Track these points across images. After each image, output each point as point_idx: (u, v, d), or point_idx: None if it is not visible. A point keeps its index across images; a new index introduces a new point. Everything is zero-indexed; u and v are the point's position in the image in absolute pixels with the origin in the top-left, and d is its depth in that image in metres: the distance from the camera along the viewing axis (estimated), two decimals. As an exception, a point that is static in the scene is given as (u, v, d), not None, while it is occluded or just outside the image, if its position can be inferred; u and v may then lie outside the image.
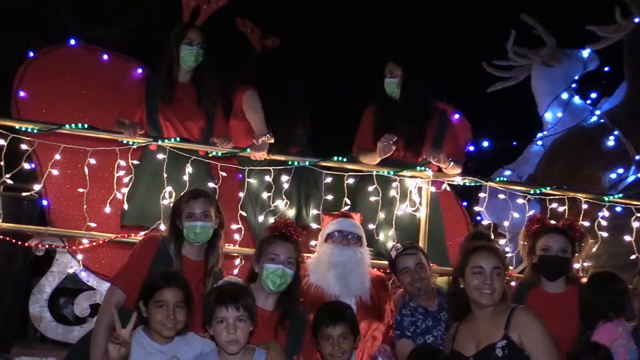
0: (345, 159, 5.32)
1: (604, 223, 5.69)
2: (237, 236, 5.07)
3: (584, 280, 4.99)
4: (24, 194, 5.03)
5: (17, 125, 4.85)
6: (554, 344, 3.56)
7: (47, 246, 5.06)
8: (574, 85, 7.72)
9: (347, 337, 3.73)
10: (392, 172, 5.29)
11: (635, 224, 5.74)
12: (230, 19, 5.93)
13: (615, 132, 6.95)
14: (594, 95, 7.74)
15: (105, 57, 5.82)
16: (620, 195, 5.97)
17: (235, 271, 4.86)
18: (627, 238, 5.76)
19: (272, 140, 5.11)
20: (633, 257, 5.65)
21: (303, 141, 5.63)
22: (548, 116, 7.63)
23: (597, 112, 7.31)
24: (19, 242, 4.91)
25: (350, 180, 5.29)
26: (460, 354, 3.64)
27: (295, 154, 5.33)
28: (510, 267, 5.48)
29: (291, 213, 5.22)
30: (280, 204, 5.15)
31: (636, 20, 7.17)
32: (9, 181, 4.83)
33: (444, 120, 5.67)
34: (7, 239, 4.82)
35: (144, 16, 10.73)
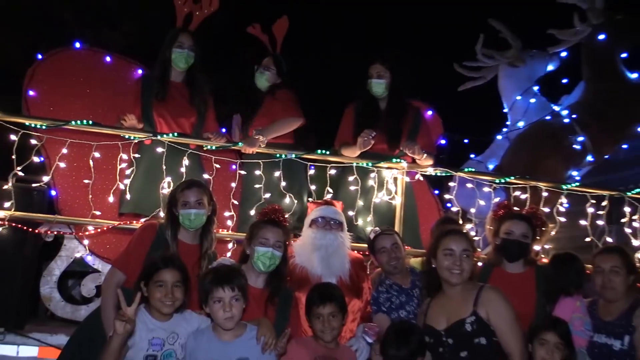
0: (327, 152, 5.35)
1: (562, 209, 5.76)
2: (229, 222, 5.11)
3: (544, 261, 5.08)
4: (33, 185, 5.01)
5: (27, 122, 4.86)
6: (517, 320, 3.62)
7: (55, 233, 5.09)
8: (536, 85, 7.76)
9: (336, 315, 3.76)
10: (370, 164, 5.34)
11: (589, 210, 5.82)
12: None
13: (574, 126, 7.00)
14: (555, 92, 7.79)
15: (108, 58, 5.82)
16: (577, 184, 6.05)
17: (228, 254, 4.87)
18: (583, 222, 5.85)
19: (264, 144, 5.18)
20: (588, 239, 5.74)
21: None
22: (513, 112, 7.67)
23: (561, 110, 7.35)
24: (30, 229, 4.91)
25: (333, 172, 5.34)
26: (432, 328, 3.70)
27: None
28: (478, 250, 5.56)
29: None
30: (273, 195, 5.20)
31: (592, 24, 7.22)
32: (20, 173, 4.81)
33: (418, 117, 5.70)
34: (19, 226, 4.80)
35: (144, 20, 10.68)
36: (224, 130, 5.50)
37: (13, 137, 4.77)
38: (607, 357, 3.91)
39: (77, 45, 5.81)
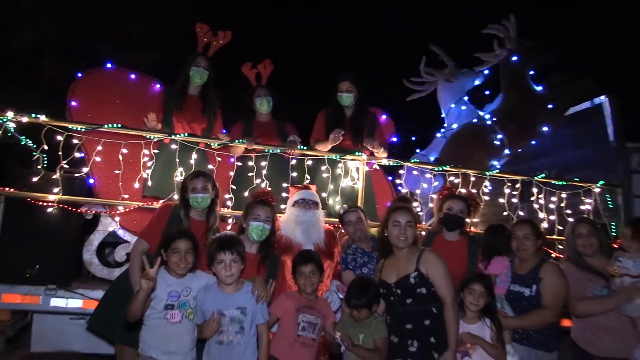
0: (305, 148, 5.39)
1: (486, 191, 5.82)
2: (229, 203, 5.11)
3: (473, 231, 5.14)
4: (76, 175, 4.99)
5: (70, 126, 4.82)
6: (450, 275, 3.70)
7: (93, 212, 5.11)
8: (466, 96, 7.80)
9: (315, 273, 3.84)
10: (338, 157, 5.37)
11: (506, 191, 5.89)
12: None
13: (495, 127, 7.06)
14: (481, 101, 7.83)
15: (133, 76, 5.80)
16: (497, 171, 6.12)
17: (229, 227, 4.87)
18: (501, 200, 5.92)
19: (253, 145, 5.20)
20: (505, 213, 5.81)
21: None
22: (449, 117, 7.71)
23: (485, 115, 7.39)
24: (74, 209, 4.91)
25: (309, 162, 5.35)
26: (385, 282, 3.77)
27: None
28: (423, 223, 5.60)
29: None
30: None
31: (507, 49, 7.28)
32: (66, 166, 4.79)
33: (374, 121, 5.77)
34: (66, 207, 4.81)
35: (161, 46, 10.64)
36: (224, 131, 5.45)
37: (59, 137, 4.75)
38: (519, 301, 3.97)
39: (109, 65, 5.76)
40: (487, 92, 8.00)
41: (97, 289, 4.67)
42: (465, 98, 7.77)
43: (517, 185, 5.86)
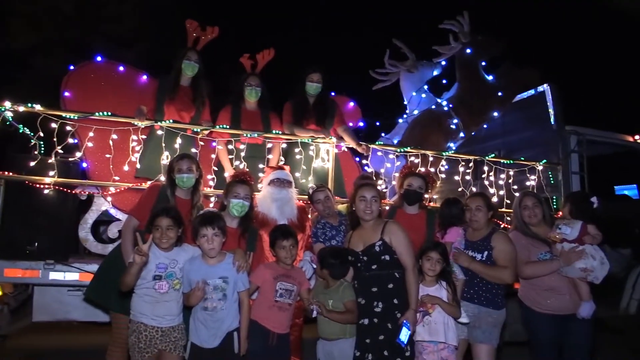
0: (280, 132, 5.32)
1: (443, 169, 5.87)
2: (211, 183, 5.06)
3: (431, 206, 5.18)
4: (70, 159, 4.91)
5: (63, 114, 4.72)
6: (411, 244, 3.74)
7: (87, 193, 5.01)
8: (426, 85, 7.80)
9: (295, 246, 3.85)
10: (310, 140, 5.34)
11: (461, 169, 5.95)
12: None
13: (451, 112, 7.07)
14: (438, 90, 7.83)
15: (121, 68, 5.69)
16: (453, 151, 6.17)
17: (211, 205, 4.85)
18: (457, 178, 5.98)
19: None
20: (460, 189, 5.87)
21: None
22: (410, 104, 7.71)
23: (442, 102, 7.39)
24: (69, 191, 4.83)
25: (284, 145, 5.32)
26: (353, 250, 3.79)
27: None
28: (387, 199, 5.62)
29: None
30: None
31: (462, 42, 7.27)
32: (61, 151, 4.72)
33: (334, 106, 5.70)
34: (62, 189, 4.74)
35: (148, 41, 10.44)
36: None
37: (54, 125, 4.66)
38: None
39: (99, 58, 5.64)
40: (444, 82, 7.99)
41: (92, 262, 4.63)
42: (425, 87, 7.76)
43: (471, 165, 5.92)
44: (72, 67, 5.54)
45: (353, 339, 3.68)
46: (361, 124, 6.72)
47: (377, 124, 7.38)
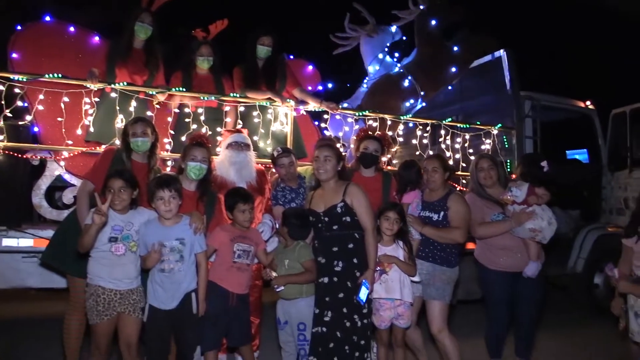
0: (238, 95, 5.22)
1: (401, 133, 5.93)
2: (167, 146, 4.98)
3: (388, 168, 5.24)
4: (20, 122, 4.73)
5: (11, 76, 4.53)
6: (370, 205, 3.79)
7: (39, 157, 4.85)
8: (386, 49, 7.78)
9: (252, 210, 3.87)
10: (268, 103, 5.28)
11: (418, 133, 6.02)
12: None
13: (409, 78, 7.10)
14: (397, 55, 7.82)
15: (72, 29, 5.46)
16: (410, 115, 6.23)
17: (168, 169, 4.78)
18: (414, 141, 6.06)
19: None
20: (418, 153, 5.95)
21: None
22: (370, 69, 7.68)
23: (399, 65, 7.41)
24: (20, 155, 4.67)
25: (242, 109, 5.25)
26: (314, 210, 3.83)
27: None
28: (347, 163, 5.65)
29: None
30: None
31: (421, 7, 7.26)
32: (9, 115, 4.54)
33: (284, 67, 5.62)
34: (12, 153, 4.58)
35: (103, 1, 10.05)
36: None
37: (1, 87, 4.45)
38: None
39: (47, 18, 5.40)
40: (403, 46, 7.97)
41: (47, 229, 4.52)
42: (385, 51, 7.74)
43: (428, 129, 5.99)
44: (19, 27, 5.29)
45: (310, 298, 3.75)
46: (320, 87, 6.67)
47: (330, 85, 7.19)
